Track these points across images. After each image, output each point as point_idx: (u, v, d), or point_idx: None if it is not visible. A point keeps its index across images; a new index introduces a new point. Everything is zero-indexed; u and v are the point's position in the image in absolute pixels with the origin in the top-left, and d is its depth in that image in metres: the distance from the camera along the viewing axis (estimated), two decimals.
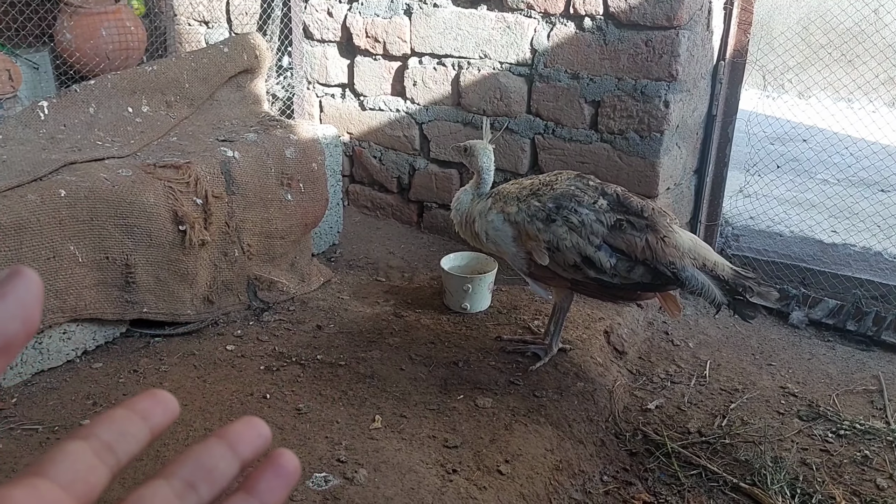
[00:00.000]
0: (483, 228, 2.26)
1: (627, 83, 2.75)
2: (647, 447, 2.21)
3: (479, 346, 2.47)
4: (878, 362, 2.69)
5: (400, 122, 3.33)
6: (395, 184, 3.45)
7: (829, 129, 3.71)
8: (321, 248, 3.16)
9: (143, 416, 0.39)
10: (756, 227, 3.53)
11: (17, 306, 0.34)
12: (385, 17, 3.20)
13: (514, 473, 1.92)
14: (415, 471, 1.85)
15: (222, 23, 3.65)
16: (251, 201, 2.60)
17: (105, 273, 2.27)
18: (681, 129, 2.86)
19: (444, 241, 3.29)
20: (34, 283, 0.35)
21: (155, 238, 2.33)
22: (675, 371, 2.59)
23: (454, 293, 2.67)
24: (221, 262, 2.54)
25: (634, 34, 2.69)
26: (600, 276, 2.10)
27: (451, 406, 2.15)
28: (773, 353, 2.73)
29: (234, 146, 2.63)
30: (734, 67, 2.98)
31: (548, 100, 2.93)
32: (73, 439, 0.37)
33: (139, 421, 0.39)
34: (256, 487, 0.39)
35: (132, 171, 2.35)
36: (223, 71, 2.96)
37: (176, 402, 0.41)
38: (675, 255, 2.06)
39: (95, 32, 3.10)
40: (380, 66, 3.31)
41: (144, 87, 2.76)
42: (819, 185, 3.59)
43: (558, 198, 2.13)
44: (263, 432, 0.41)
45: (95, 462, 0.36)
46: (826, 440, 2.24)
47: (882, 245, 3.34)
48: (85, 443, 0.37)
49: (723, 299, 2.06)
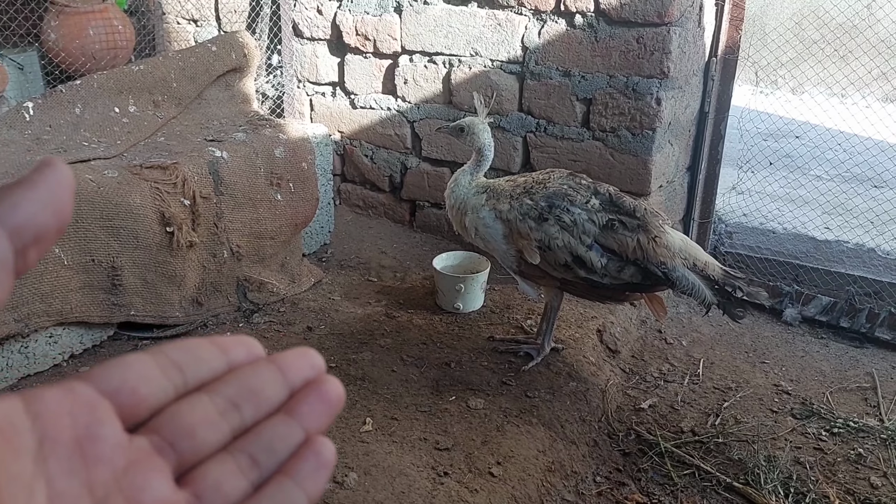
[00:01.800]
0: (474, 224, 2.24)
1: (619, 80, 2.73)
2: (641, 447, 2.19)
3: (471, 346, 2.45)
4: (872, 359, 2.68)
5: (391, 121, 3.31)
6: (386, 182, 3.43)
7: (822, 125, 3.70)
8: (312, 248, 3.13)
9: (222, 350, 0.38)
10: (749, 224, 3.51)
11: (48, 197, 0.33)
12: (375, 14, 3.17)
13: (505, 475, 1.90)
14: (406, 474, 1.84)
15: (211, 21, 3.62)
16: (240, 202, 2.58)
17: (91, 276, 2.24)
18: (673, 126, 2.84)
19: (437, 241, 3.27)
20: (65, 175, 0.33)
21: (142, 240, 2.30)
22: (669, 370, 2.58)
23: (447, 293, 2.65)
24: (210, 264, 2.51)
25: (625, 31, 2.67)
26: (590, 275, 2.09)
27: (443, 407, 2.13)
28: (766, 350, 2.72)
29: (222, 146, 2.61)
30: (726, 64, 2.96)
31: (539, 97, 2.91)
32: (139, 353, 0.36)
33: (218, 352, 0.38)
34: (299, 411, 0.37)
35: (118, 172, 2.32)
36: (211, 70, 2.93)
37: (261, 348, 0.39)
38: (665, 255, 2.05)
39: (82, 32, 3.07)
40: (370, 64, 3.28)
41: (131, 87, 2.73)
42: (812, 182, 3.57)
43: (551, 196, 2.12)
44: (317, 363, 0.39)
45: (156, 374, 0.35)
46: (820, 438, 2.22)
47: (875, 241, 3.33)
48: (150, 357, 0.35)
49: (713, 299, 2.05)
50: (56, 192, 0.33)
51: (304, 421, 0.37)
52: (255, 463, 0.35)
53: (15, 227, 0.32)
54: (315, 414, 0.37)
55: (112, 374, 0.34)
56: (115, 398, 0.33)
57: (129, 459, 0.33)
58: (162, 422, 0.34)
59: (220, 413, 0.35)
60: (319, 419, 0.37)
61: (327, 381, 0.38)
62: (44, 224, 0.33)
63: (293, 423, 0.37)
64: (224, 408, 0.36)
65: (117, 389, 0.33)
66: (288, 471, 0.36)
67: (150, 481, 0.33)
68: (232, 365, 0.38)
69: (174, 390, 0.35)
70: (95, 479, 0.31)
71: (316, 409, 0.37)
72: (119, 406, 0.33)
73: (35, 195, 0.32)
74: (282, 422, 0.37)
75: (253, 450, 0.36)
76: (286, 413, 0.37)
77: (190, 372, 0.36)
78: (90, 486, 0.31)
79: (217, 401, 0.36)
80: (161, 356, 0.36)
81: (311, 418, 0.37)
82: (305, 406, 0.37)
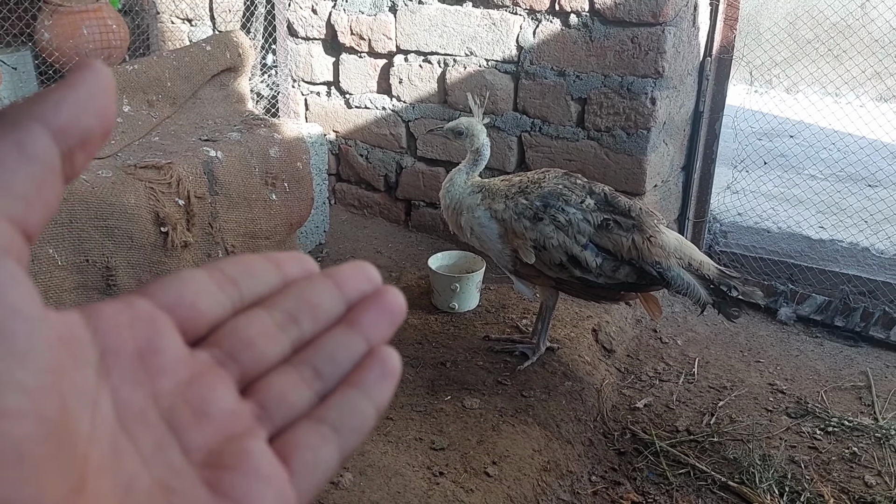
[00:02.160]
0: (469, 224, 2.23)
1: (614, 80, 2.73)
2: (636, 446, 2.20)
3: (466, 345, 2.45)
4: (866, 358, 2.68)
5: (386, 120, 3.31)
6: (382, 182, 3.43)
7: (816, 125, 3.71)
8: (307, 248, 3.13)
9: (277, 265, 0.37)
10: (744, 223, 3.52)
11: (89, 97, 0.31)
12: (370, 14, 3.17)
13: (501, 475, 1.90)
14: (401, 474, 1.83)
15: (206, 21, 3.61)
16: (235, 201, 2.57)
17: (85, 276, 2.24)
18: (668, 125, 2.84)
19: (433, 240, 3.27)
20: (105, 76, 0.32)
21: (136, 240, 2.29)
22: (664, 369, 2.58)
23: (442, 292, 2.65)
24: (205, 264, 2.50)
25: (620, 31, 2.67)
26: (585, 275, 2.09)
27: (439, 407, 2.13)
28: (761, 349, 2.72)
29: (217, 146, 2.60)
30: (721, 63, 2.96)
31: (534, 97, 2.91)
32: (194, 269, 0.35)
33: (273, 267, 0.37)
34: (360, 321, 0.36)
35: (112, 171, 2.32)
36: (206, 69, 2.92)
37: (316, 264, 0.38)
38: (660, 254, 2.05)
39: (76, 31, 3.06)
40: (365, 63, 3.28)
41: (125, 87, 2.72)
42: (806, 181, 3.59)
43: (546, 196, 2.12)
44: (374, 277, 0.38)
45: (213, 289, 0.34)
46: (814, 437, 2.23)
47: (869, 241, 3.34)
48: (206, 273, 0.35)
49: (708, 299, 2.06)
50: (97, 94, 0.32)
51: (366, 331, 0.36)
52: (318, 374, 0.35)
53: (59, 128, 0.30)
54: (377, 324, 0.36)
55: (170, 289, 0.34)
56: (174, 312, 0.33)
57: (191, 372, 0.33)
58: (222, 336, 0.34)
59: (279, 326, 0.35)
60: (382, 329, 0.37)
61: (387, 290, 0.37)
62: (88, 125, 0.31)
63: (355, 334, 0.36)
64: (283, 321, 0.35)
65: (176, 303, 0.33)
66: (353, 381, 0.35)
67: (214, 392, 0.33)
68: (287, 280, 0.37)
69: (231, 305, 0.35)
70: (160, 390, 0.31)
71: (377, 320, 0.37)
72: (178, 320, 0.33)
73: (77, 96, 0.31)
74: (343, 333, 0.36)
75: (316, 361, 0.35)
76: (347, 325, 0.36)
77: (246, 287, 0.36)
78: (155, 396, 0.31)
79: (275, 315, 0.35)
80: (216, 272, 0.35)
81: (373, 329, 0.36)
82: (366, 317, 0.36)
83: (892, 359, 2.68)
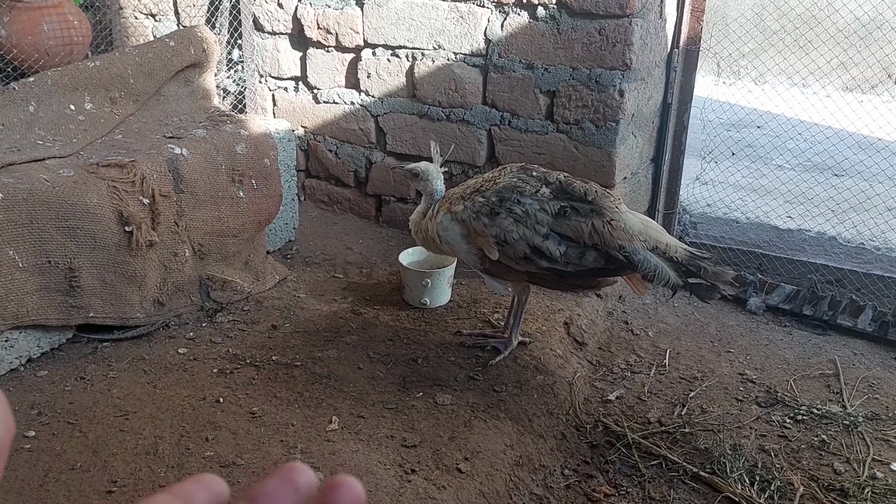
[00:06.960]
0: (436, 231, 2.25)
1: (582, 73, 2.73)
2: (608, 439, 2.20)
3: (438, 341, 2.44)
4: (834, 346, 2.71)
5: (355, 115, 3.28)
6: (351, 178, 3.40)
7: (783, 115, 3.74)
8: (276, 245, 3.09)
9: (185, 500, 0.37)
10: (713, 214, 3.54)
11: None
12: (336, 7, 3.14)
13: (473, 471, 1.90)
14: (372, 472, 1.82)
15: (170, 16, 3.55)
16: (201, 199, 2.53)
17: (47, 278, 2.19)
18: (636, 118, 2.85)
19: (403, 235, 3.24)
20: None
21: (99, 240, 2.25)
22: (635, 361, 2.59)
23: (413, 288, 2.63)
24: (171, 263, 2.46)
25: (587, 23, 2.67)
26: (553, 265, 2.08)
27: (410, 404, 2.12)
28: (731, 339, 2.74)
29: (182, 143, 2.56)
30: (688, 55, 2.98)
31: (503, 90, 2.90)
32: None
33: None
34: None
35: (74, 171, 2.27)
36: (170, 65, 2.87)
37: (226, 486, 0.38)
38: (623, 238, 2.04)
39: (36, 27, 2.98)
40: (333, 58, 3.24)
41: (87, 84, 2.66)
42: (774, 171, 3.62)
43: (501, 191, 2.13)
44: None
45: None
46: (784, 426, 2.25)
47: (836, 230, 3.38)
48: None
49: (678, 281, 2.04)
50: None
51: None
52: None
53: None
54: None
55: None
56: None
57: None
58: None
59: None
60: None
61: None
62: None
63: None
64: None
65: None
66: None
67: None
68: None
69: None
70: None
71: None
72: None
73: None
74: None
75: None
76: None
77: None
78: None
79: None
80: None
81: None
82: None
83: (859, 346, 2.72)
